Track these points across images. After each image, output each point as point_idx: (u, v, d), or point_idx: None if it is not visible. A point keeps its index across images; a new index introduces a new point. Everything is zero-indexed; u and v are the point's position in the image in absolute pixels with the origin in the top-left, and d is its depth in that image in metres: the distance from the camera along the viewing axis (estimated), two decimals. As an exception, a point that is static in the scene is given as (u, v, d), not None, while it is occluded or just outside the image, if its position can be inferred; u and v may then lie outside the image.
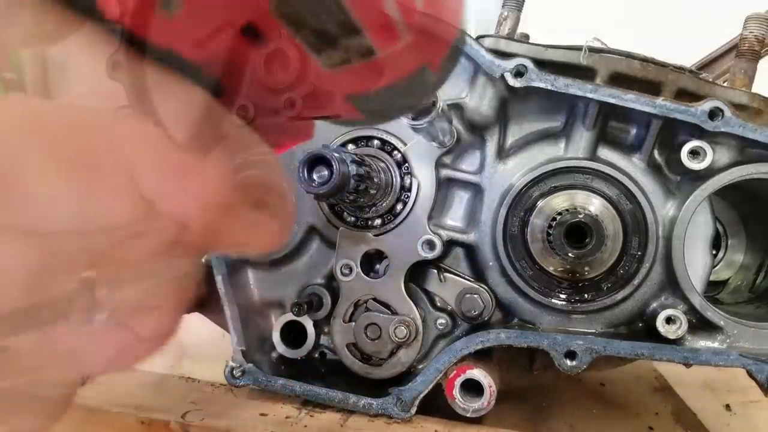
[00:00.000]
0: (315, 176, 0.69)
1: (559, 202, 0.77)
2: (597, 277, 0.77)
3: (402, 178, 0.81)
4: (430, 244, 0.80)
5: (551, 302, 0.79)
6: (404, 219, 0.80)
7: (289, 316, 0.86)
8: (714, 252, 0.82)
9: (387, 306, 0.82)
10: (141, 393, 0.84)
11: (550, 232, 0.75)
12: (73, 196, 0.30)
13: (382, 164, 0.80)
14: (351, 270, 0.82)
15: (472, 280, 0.82)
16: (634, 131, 0.79)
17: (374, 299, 0.82)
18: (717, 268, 0.93)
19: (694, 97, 0.79)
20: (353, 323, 0.83)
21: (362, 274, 0.82)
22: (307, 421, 0.77)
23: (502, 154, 0.82)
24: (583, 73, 0.79)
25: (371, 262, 0.84)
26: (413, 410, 0.78)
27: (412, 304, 0.81)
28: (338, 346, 0.84)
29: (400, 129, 0.81)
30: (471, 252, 0.83)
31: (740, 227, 0.94)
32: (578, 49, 0.79)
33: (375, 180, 0.74)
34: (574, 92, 0.75)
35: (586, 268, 0.76)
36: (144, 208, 0.32)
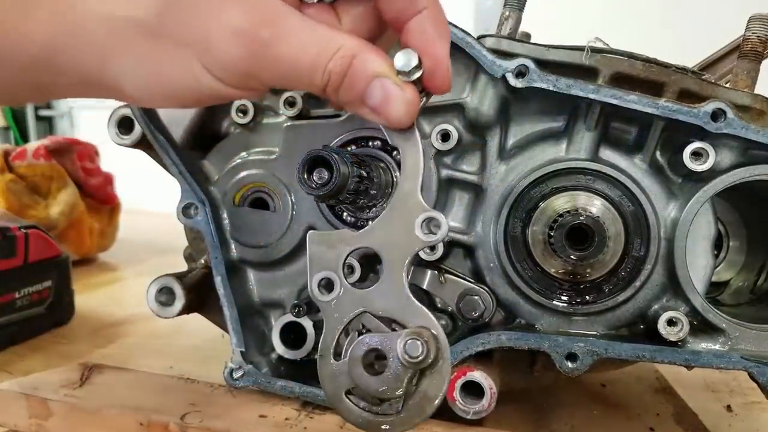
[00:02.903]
0: (315, 177, 0.69)
1: (560, 203, 0.76)
2: (598, 278, 0.77)
3: (403, 179, 0.80)
4: (432, 245, 0.80)
5: (552, 304, 0.78)
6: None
7: (289, 317, 0.86)
8: (715, 253, 0.81)
9: (389, 321, 0.57)
10: (139, 394, 0.84)
11: (552, 233, 0.75)
12: None
13: (383, 164, 0.79)
14: (332, 284, 0.57)
15: (473, 281, 0.81)
16: (636, 132, 0.78)
17: (370, 314, 0.57)
18: (718, 269, 0.92)
19: (696, 98, 0.78)
20: (347, 359, 0.56)
21: (348, 286, 0.57)
22: (307, 423, 0.77)
23: (504, 154, 0.81)
24: (585, 73, 0.78)
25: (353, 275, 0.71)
26: (413, 412, 0.77)
27: (426, 311, 0.55)
28: (332, 397, 0.56)
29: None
30: (471, 253, 0.83)
31: (742, 228, 0.94)
32: (580, 49, 0.79)
33: (375, 180, 0.73)
34: (576, 93, 0.74)
35: (588, 270, 0.75)
36: None
